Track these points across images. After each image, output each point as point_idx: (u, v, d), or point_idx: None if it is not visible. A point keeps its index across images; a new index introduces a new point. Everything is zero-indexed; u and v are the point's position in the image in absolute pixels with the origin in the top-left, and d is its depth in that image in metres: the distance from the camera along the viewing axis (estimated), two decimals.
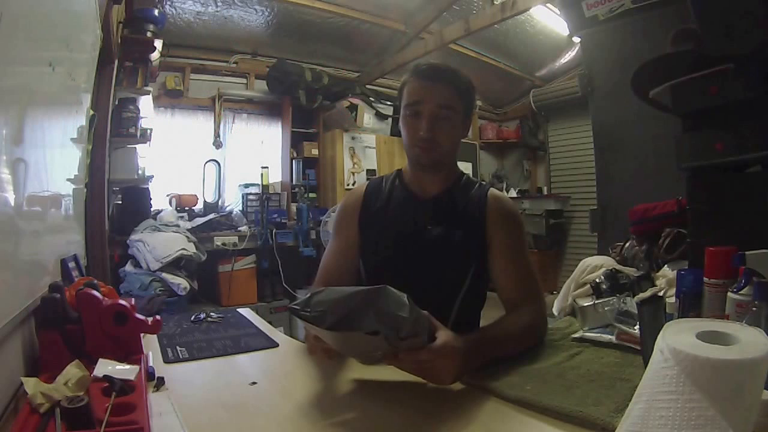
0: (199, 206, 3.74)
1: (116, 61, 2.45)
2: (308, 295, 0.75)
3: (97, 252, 2.31)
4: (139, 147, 2.97)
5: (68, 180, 1.39)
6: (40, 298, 0.82)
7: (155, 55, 2.99)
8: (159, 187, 3.49)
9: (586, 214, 3.18)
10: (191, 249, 2.93)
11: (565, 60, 4.69)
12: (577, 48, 4.01)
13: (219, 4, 3.40)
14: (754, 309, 0.70)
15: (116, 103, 2.76)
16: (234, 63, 4.01)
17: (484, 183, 1.17)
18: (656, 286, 1.21)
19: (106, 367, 0.74)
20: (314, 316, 0.71)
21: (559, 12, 3.18)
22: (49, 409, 0.62)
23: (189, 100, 3.85)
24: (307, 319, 0.71)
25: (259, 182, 3.78)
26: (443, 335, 0.74)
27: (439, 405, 0.72)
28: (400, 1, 3.79)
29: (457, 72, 1.06)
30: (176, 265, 2.84)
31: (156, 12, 2.98)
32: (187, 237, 3.02)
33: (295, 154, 4.18)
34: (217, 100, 3.90)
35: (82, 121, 1.60)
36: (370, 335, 0.68)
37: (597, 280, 1.27)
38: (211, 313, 1.28)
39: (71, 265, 1.18)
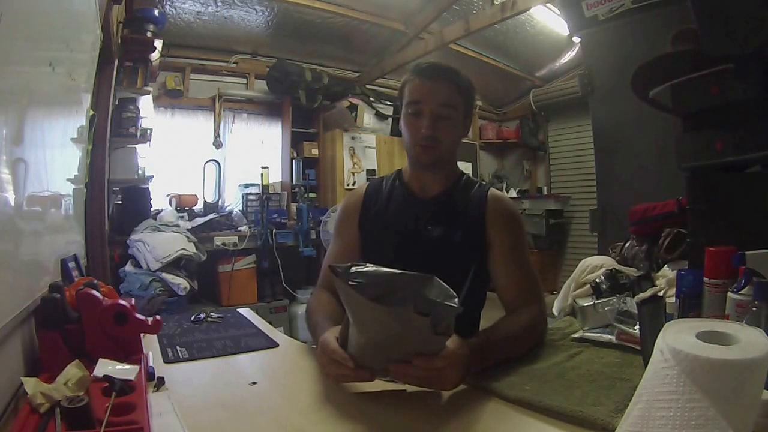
0: (199, 206, 3.74)
1: (116, 61, 2.46)
2: (348, 265, 0.73)
3: (97, 252, 2.31)
4: (139, 147, 2.97)
5: (68, 180, 1.39)
6: (40, 298, 0.82)
7: (155, 55, 2.99)
8: (159, 187, 3.49)
9: (586, 214, 3.18)
10: (191, 249, 2.93)
11: (565, 60, 4.69)
12: (577, 48, 4.01)
13: (219, 4, 3.40)
14: (754, 309, 0.70)
15: (116, 103, 2.76)
16: (234, 63, 4.02)
17: (484, 183, 1.16)
18: (656, 286, 1.21)
19: (106, 367, 0.74)
20: (355, 285, 0.69)
21: (559, 12, 3.18)
22: (49, 409, 0.62)
23: (189, 100, 3.85)
24: (352, 284, 0.69)
25: (259, 182, 3.78)
26: (450, 342, 0.73)
27: (439, 405, 0.72)
28: (400, 1, 3.79)
29: (458, 71, 1.06)
30: (176, 265, 2.84)
31: (156, 12, 2.98)
32: (187, 237, 3.02)
33: (295, 154, 4.18)
34: (217, 100, 3.91)
35: (82, 121, 1.60)
36: (418, 315, 0.64)
37: (597, 280, 1.27)
38: (211, 313, 1.28)
39: (71, 265, 1.18)
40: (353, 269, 0.71)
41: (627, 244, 1.55)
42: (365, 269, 0.71)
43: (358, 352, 0.73)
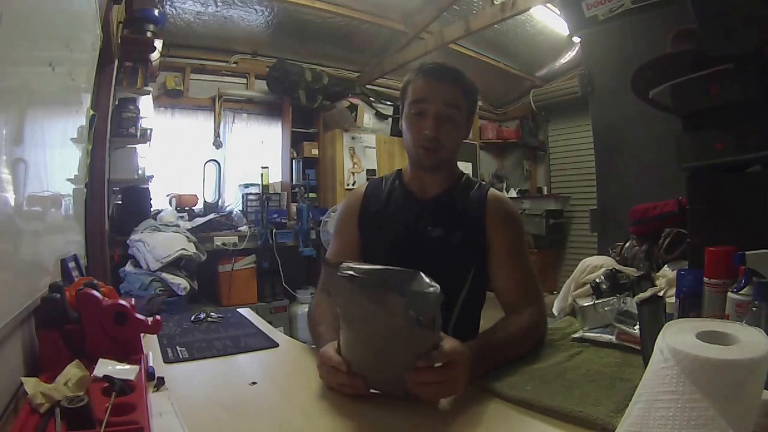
0: (199, 206, 3.74)
1: (116, 61, 2.45)
2: (340, 261, 0.75)
3: (97, 252, 2.31)
4: (139, 147, 2.97)
5: (68, 180, 1.39)
6: (40, 298, 0.82)
7: (155, 55, 2.99)
8: (159, 187, 3.49)
9: (586, 214, 3.18)
10: (191, 249, 2.93)
11: (565, 60, 4.69)
12: (577, 48, 4.01)
13: (219, 4, 3.40)
14: (754, 309, 0.70)
15: (116, 103, 2.76)
16: (234, 63, 4.02)
17: (484, 183, 1.16)
18: (656, 286, 1.21)
19: (106, 367, 0.74)
20: (345, 276, 0.71)
21: (559, 12, 3.18)
22: (49, 409, 0.62)
23: (189, 100, 3.85)
24: (342, 273, 0.71)
25: (259, 182, 3.78)
26: (449, 342, 0.73)
27: (440, 405, 0.72)
28: (400, 1, 3.78)
29: (463, 72, 1.06)
30: (176, 265, 2.85)
31: (156, 12, 2.98)
32: (187, 237, 3.02)
33: (295, 154, 4.18)
34: (217, 100, 3.91)
35: (82, 121, 1.60)
36: (393, 294, 0.67)
37: (597, 280, 1.27)
38: (211, 313, 1.28)
39: (71, 265, 1.18)
40: (344, 264, 0.73)
41: (627, 244, 1.55)
42: (356, 265, 0.74)
43: (349, 353, 0.74)
